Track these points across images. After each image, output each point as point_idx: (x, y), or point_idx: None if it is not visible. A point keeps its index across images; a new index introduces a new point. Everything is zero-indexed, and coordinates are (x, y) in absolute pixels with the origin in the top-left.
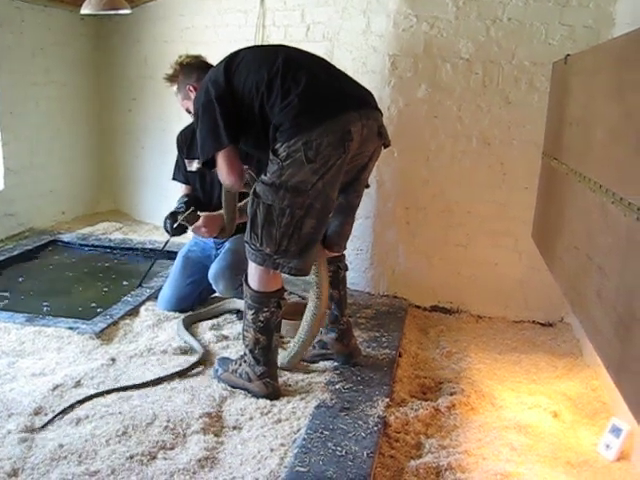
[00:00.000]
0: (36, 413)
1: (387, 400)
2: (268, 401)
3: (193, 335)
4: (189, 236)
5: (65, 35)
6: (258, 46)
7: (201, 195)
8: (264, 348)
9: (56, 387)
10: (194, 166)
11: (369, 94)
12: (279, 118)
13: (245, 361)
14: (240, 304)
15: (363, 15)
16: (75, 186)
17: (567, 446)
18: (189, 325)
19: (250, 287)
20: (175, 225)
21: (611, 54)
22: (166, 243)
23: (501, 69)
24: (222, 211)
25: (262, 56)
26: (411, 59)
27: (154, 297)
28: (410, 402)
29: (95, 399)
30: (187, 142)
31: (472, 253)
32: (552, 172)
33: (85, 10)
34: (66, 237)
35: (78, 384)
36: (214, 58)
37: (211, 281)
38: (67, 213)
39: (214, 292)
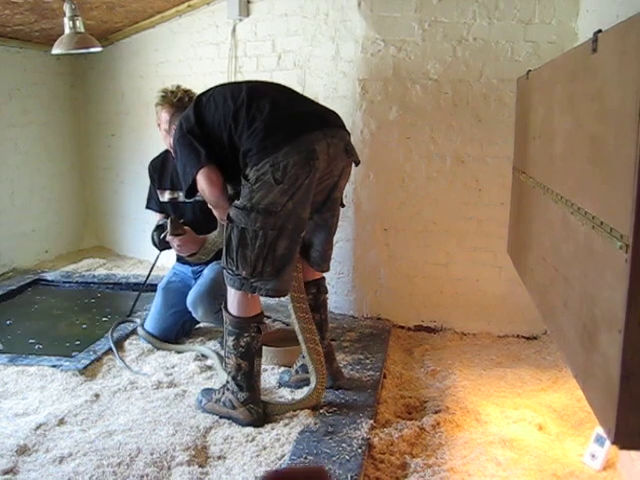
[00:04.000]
0: (19, 454)
1: (371, 422)
2: (252, 429)
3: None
4: (168, 266)
5: (41, 75)
6: (225, 83)
7: None
8: (246, 374)
9: (39, 426)
10: (166, 196)
11: (333, 114)
12: (247, 144)
13: (228, 389)
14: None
15: (332, 42)
16: (57, 224)
17: (553, 458)
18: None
19: (230, 313)
20: (162, 236)
21: (564, 67)
22: (156, 260)
23: (470, 88)
24: (208, 236)
25: (228, 90)
26: (381, 82)
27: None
28: (395, 422)
29: (79, 436)
30: (157, 172)
31: (453, 271)
32: (521, 186)
33: (56, 50)
34: (50, 275)
35: (61, 422)
36: None
37: (190, 308)
38: (50, 251)
39: (197, 323)
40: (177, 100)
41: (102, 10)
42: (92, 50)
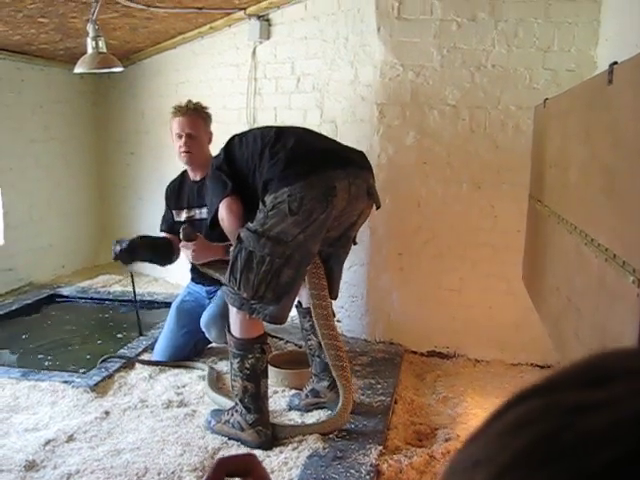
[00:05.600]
0: (27, 469)
1: (380, 448)
2: (261, 451)
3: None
4: (183, 284)
5: (64, 92)
6: (260, 126)
7: None
8: (253, 396)
9: (48, 442)
10: (183, 216)
11: (359, 154)
12: (268, 174)
13: (237, 411)
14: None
15: (351, 66)
16: (75, 239)
17: None
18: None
19: (233, 335)
20: (123, 246)
21: (580, 97)
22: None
23: (488, 114)
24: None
25: (259, 132)
26: (399, 107)
27: (150, 349)
28: (404, 449)
29: (87, 454)
30: (175, 193)
31: (466, 297)
32: (537, 214)
33: (78, 69)
34: (65, 291)
35: (70, 438)
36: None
37: (203, 329)
38: (67, 267)
39: (210, 343)
40: (187, 109)
41: (125, 30)
42: (113, 70)
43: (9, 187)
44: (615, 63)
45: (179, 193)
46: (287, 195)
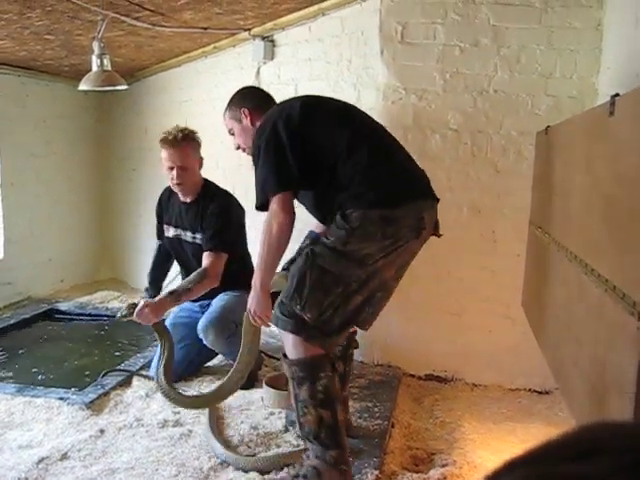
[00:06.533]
0: None
1: (376, 473)
2: (256, 473)
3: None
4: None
5: (68, 108)
6: (330, 99)
7: (179, 264)
8: (331, 427)
9: (41, 460)
10: (171, 232)
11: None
12: (361, 187)
13: (308, 456)
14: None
15: (354, 88)
16: (74, 255)
17: None
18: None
19: (292, 360)
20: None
21: (582, 127)
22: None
23: (489, 139)
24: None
25: (336, 111)
26: (401, 131)
27: (147, 367)
28: (401, 474)
29: (80, 472)
30: (164, 206)
31: (465, 321)
32: (537, 241)
33: (83, 86)
34: (63, 306)
35: (64, 456)
36: (210, 130)
37: (200, 334)
38: (66, 281)
39: (206, 361)
40: (176, 140)
41: (130, 48)
42: (118, 88)
43: (10, 202)
44: (617, 95)
45: (167, 207)
46: (380, 217)
